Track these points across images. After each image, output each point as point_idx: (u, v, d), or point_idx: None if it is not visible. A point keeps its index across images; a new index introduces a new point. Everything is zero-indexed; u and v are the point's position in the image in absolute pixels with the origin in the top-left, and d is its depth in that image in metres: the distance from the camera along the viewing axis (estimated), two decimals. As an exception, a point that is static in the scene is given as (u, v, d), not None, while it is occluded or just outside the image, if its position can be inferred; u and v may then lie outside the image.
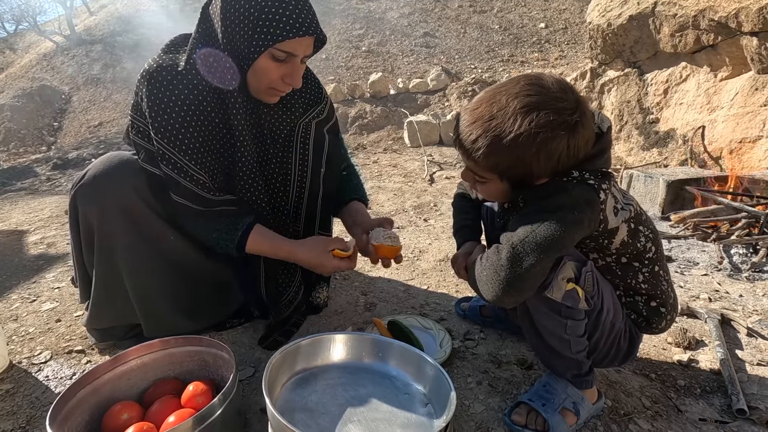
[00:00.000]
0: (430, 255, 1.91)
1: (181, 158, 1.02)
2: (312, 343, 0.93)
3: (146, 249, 1.11)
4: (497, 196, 0.92)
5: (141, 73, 1.02)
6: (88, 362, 1.18)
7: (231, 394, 0.84)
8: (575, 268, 0.82)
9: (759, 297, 1.54)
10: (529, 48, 6.93)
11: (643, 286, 0.90)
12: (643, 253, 0.88)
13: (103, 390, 0.90)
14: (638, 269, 0.89)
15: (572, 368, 0.91)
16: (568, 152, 0.78)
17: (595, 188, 0.79)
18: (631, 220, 0.85)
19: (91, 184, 1.06)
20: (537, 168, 0.80)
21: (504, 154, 0.78)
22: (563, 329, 0.85)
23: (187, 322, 1.19)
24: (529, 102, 0.76)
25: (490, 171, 0.83)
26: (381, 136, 5.18)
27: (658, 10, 3.24)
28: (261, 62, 0.99)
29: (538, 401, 0.91)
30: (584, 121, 0.78)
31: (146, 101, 1.00)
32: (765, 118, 2.73)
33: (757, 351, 1.21)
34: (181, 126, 1.00)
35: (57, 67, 8.40)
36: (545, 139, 0.75)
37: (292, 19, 0.95)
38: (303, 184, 1.20)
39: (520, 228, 0.79)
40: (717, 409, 0.99)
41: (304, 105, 1.20)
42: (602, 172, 0.83)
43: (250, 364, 1.15)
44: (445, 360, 1.12)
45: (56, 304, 1.50)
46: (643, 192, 2.53)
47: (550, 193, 0.80)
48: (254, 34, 0.96)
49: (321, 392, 0.87)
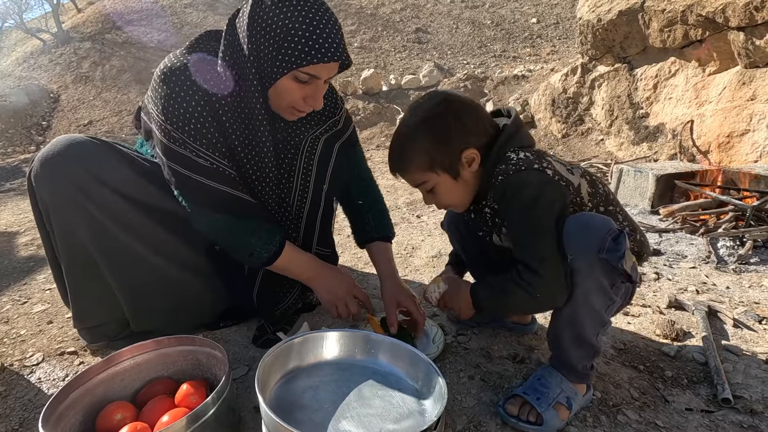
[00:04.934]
0: (423, 251, 1.92)
1: (198, 147, 1.00)
2: (304, 340, 0.94)
3: (113, 231, 1.06)
4: (455, 197, 0.99)
5: (161, 68, 1.00)
6: (80, 363, 1.17)
7: (224, 392, 0.84)
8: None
9: (745, 288, 1.57)
10: (521, 43, 6.95)
11: (625, 224, 0.97)
12: (608, 196, 0.97)
13: (96, 391, 0.90)
14: (615, 212, 0.97)
15: (586, 359, 0.92)
16: (458, 124, 0.91)
17: (539, 170, 0.87)
18: (585, 174, 0.96)
19: (42, 167, 1.02)
20: (448, 145, 0.91)
21: (416, 149, 0.92)
22: (605, 309, 0.88)
23: (170, 315, 1.18)
24: (411, 108, 0.96)
25: (422, 171, 0.94)
26: (374, 133, 5.18)
27: (647, 5, 3.26)
28: (283, 83, 0.97)
29: (532, 395, 0.92)
30: (462, 101, 0.94)
31: (163, 95, 0.98)
32: (752, 113, 2.77)
33: (742, 341, 1.24)
34: (198, 121, 0.99)
35: (44, 65, 8.28)
36: (430, 118, 0.91)
37: (318, 43, 0.93)
38: (304, 199, 1.19)
39: (525, 241, 0.87)
40: (703, 398, 1.01)
41: (318, 118, 1.19)
42: (536, 152, 0.92)
43: (244, 363, 1.15)
44: (437, 355, 1.13)
45: (47, 306, 1.49)
46: (633, 186, 2.56)
47: (513, 193, 0.87)
48: (278, 55, 0.94)
49: (314, 389, 0.87)
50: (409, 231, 2.20)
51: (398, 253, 1.93)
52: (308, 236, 1.23)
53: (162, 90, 0.99)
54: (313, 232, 1.23)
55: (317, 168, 1.19)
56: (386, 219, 1.32)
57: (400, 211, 2.54)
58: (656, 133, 3.49)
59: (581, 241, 0.83)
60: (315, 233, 1.23)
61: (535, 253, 0.85)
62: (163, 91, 0.99)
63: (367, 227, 1.28)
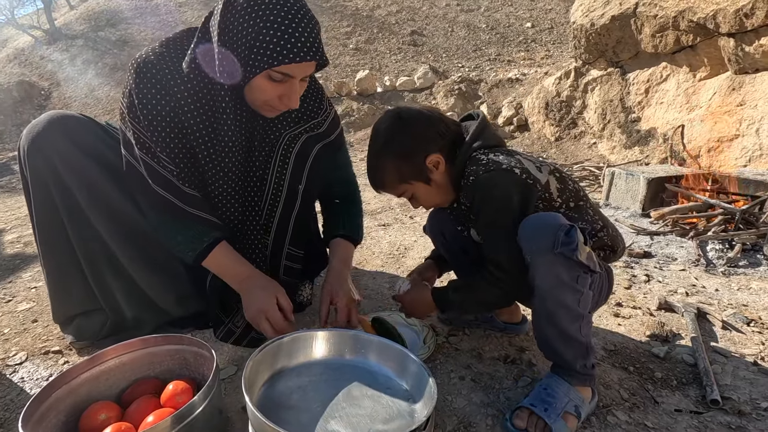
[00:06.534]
0: (416, 252, 1.92)
1: (154, 145, 1.01)
2: (293, 340, 0.93)
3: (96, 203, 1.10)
4: (435, 198, 1.05)
5: (134, 58, 1.01)
6: (65, 363, 1.15)
7: (211, 392, 0.83)
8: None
9: (734, 291, 1.58)
10: (515, 47, 7.00)
11: (596, 218, 1.00)
12: (578, 192, 1.00)
13: (79, 390, 0.89)
14: (585, 207, 1.00)
15: (581, 357, 0.92)
16: (414, 136, 0.98)
17: (507, 169, 0.92)
18: (554, 171, 0.99)
19: (33, 142, 1.07)
20: (410, 158, 0.98)
21: (385, 169, 1.01)
22: (577, 303, 0.88)
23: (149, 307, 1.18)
24: (373, 134, 1.04)
25: (397, 185, 1.02)
26: (368, 134, 5.17)
27: (639, 10, 3.30)
28: (257, 81, 0.96)
29: (540, 406, 0.89)
30: (412, 113, 1.01)
31: (128, 85, 1.01)
32: (741, 118, 2.81)
33: (731, 343, 1.25)
34: (156, 118, 1.00)
35: (36, 62, 8.19)
36: (389, 139, 0.99)
37: (290, 43, 0.91)
38: (277, 197, 1.15)
39: (491, 238, 0.94)
40: (692, 400, 1.01)
41: (298, 117, 1.17)
42: (505, 151, 0.97)
43: (232, 363, 1.14)
44: (428, 356, 1.12)
45: (33, 305, 1.47)
46: (624, 189, 2.58)
47: (482, 194, 0.93)
48: (251, 54, 0.92)
49: (303, 389, 0.86)
50: (402, 231, 2.20)
51: (391, 253, 1.93)
52: (280, 235, 1.19)
53: (129, 80, 1.01)
54: (286, 232, 1.19)
55: (294, 165, 1.16)
56: (358, 222, 1.31)
57: (393, 211, 2.54)
58: (648, 137, 3.53)
59: (535, 241, 0.86)
60: (288, 233, 1.19)
61: (501, 251, 0.91)
62: (129, 81, 1.01)
63: (337, 225, 1.28)
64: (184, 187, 1.04)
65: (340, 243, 1.25)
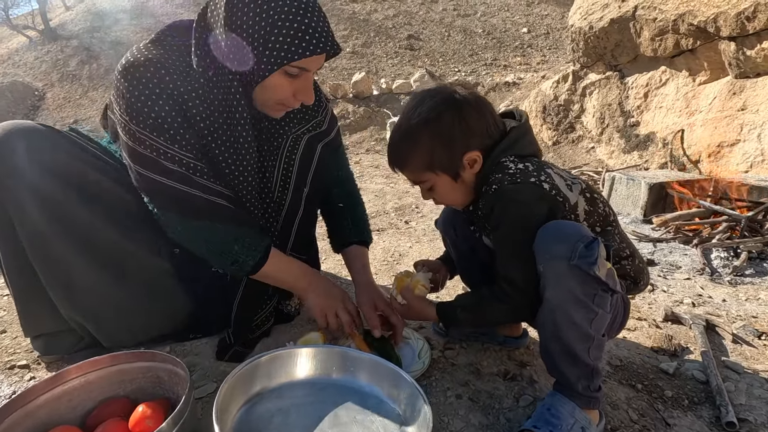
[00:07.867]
0: (411, 259, 1.85)
1: (169, 147, 0.92)
2: (272, 359, 0.85)
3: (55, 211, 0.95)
4: (454, 197, 0.96)
5: (122, 64, 0.92)
6: (32, 378, 1.07)
7: (183, 416, 0.75)
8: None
9: (742, 301, 1.52)
10: (511, 52, 6.98)
11: (623, 246, 0.93)
12: (607, 217, 0.92)
13: (38, 413, 0.80)
14: (612, 233, 0.92)
15: (584, 378, 0.84)
16: (462, 125, 0.87)
17: (536, 183, 0.84)
18: (585, 191, 0.90)
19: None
20: (449, 148, 0.87)
21: (416, 148, 0.89)
22: (589, 323, 0.80)
23: (125, 324, 1.08)
24: (414, 103, 0.91)
25: (422, 171, 0.91)
26: (363, 137, 5.12)
27: (638, 14, 3.26)
28: (273, 79, 0.91)
29: (544, 428, 0.82)
30: (469, 101, 0.89)
31: (125, 93, 0.90)
32: (742, 123, 2.76)
33: (743, 358, 1.18)
34: (166, 120, 0.91)
35: (30, 62, 8.11)
36: (433, 118, 0.87)
37: (308, 34, 0.87)
38: (282, 200, 1.11)
39: (507, 253, 0.87)
40: (706, 421, 0.94)
41: (301, 116, 1.13)
42: (537, 162, 0.89)
43: (212, 379, 1.06)
44: (423, 372, 1.05)
45: (3, 314, 1.38)
46: (625, 194, 2.52)
47: (503, 206, 0.85)
48: (266, 50, 0.87)
49: (284, 412, 0.79)
50: (397, 237, 2.12)
51: (385, 259, 1.85)
52: (282, 240, 1.15)
53: (124, 87, 0.90)
54: (289, 237, 1.15)
55: (298, 168, 1.12)
56: (365, 224, 1.27)
57: (388, 216, 2.46)
58: (647, 142, 3.48)
59: (551, 249, 0.79)
60: (290, 238, 1.15)
61: (517, 268, 0.85)
62: (125, 89, 0.90)
63: (345, 231, 1.23)
64: (221, 188, 0.96)
65: (357, 250, 1.22)
